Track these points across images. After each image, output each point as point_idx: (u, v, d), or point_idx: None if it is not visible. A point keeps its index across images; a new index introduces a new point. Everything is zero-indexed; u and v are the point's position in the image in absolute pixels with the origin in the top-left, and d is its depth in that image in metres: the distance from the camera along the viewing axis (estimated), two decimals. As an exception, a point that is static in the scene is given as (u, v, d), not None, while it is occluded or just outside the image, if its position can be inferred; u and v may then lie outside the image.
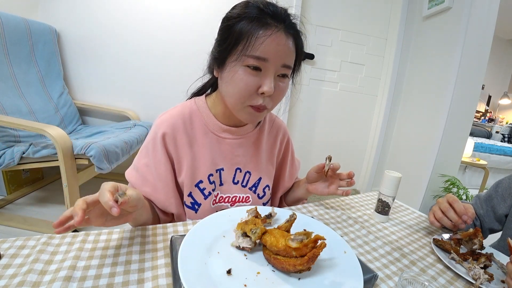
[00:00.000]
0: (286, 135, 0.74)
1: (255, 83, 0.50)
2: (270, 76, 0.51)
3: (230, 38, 0.51)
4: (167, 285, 0.37)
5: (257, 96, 0.52)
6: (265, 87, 0.50)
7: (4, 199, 1.52)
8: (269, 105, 0.54)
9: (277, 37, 0.49)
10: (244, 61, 0.49)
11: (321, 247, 0.37)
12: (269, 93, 0.51)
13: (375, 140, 2.29)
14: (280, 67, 0.51)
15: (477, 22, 1.65)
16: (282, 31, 0.50)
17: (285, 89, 0.55)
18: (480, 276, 0.46)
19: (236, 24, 0.50)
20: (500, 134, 4.65)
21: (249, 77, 0.50)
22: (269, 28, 0.49)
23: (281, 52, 0.50)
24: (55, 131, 1.17)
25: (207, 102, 0.63)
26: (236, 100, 0.53)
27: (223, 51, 0.52)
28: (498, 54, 4.69)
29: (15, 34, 1.47)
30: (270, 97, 0.53)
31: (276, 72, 0.52)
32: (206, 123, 0.61)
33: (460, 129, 1.81)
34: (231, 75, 0.51)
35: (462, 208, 0.59)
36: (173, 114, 0.59)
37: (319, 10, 1.98)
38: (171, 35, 1.86)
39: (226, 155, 0.63)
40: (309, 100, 2.14)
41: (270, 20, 0.49)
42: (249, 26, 0.49)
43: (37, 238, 0.44)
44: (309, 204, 0.70)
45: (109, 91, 1.91)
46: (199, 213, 0.60)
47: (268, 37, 0.48)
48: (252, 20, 0.49)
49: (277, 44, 0.49)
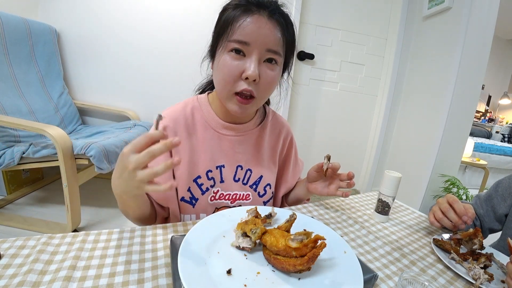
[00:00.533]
0: (290, 134, 0.74)
1: (238, 68, 0.51)
2: (254, 60, 0.50)
3: (218, 29, 0.53)
4: (167, 285, 0.37)
5: (241, 81, 0.52)
6: (248, 71, 0.50)
7: (4, 199, 1.52)
8: (256, 93, 0.53)
9: (258, 20, 0.50)
10: (227, 47, 0.51)
11: (321, 247, 0.37)
12: (252, 77, 0.50)
13: (375, 140, 2.29)
14: (264, 51, 0.51)
15: (477, 22, 1.65)
16: (264, 16, 0.50)
17: (274, 77, 0.54)
18: (480, 276, 0.46)
19: (224, 15, 0.52)
20: (500, 134, 4.65)
21: (232, 61, 0.51)
22: (251, 14, 0.50)
23: (263, 35, 0.50)
24: (55, 131, 1.17)
25: (208, 98, 0.63)
26: (222, 87, 0.54)
27: (214, 42, 0.54)
28: (498, 54, 4.69)
29: (15, 34, 1.47)
30: (257, 84, 0.52)
31: (261, 57, 0.51)
32: (207, 120, 0.61)
33: (460, 129, 1.81)
34: (217, 63, 0.53)
35: (462, 209, 0.59)
36: (176, 110, 0.60)
37: (319, 10, 1.98)
38: (171, 34, 1.86)
39: (227, 152, 0.63)
40: (309, 100, 2.14)
41: (254, 8, 0.50)
42: (233, 13, 0.50)
43: (37, 238, 0.44)
44: (309, 204, 0.70)
45: (109, 91, 1.91)
46: (196, 208, 0.60)
47: (250, 22, 0.49)
48: (237, 7, 0.51)
49: (258, 27, 0.50)
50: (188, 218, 0.61)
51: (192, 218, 0.61)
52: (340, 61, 2.12)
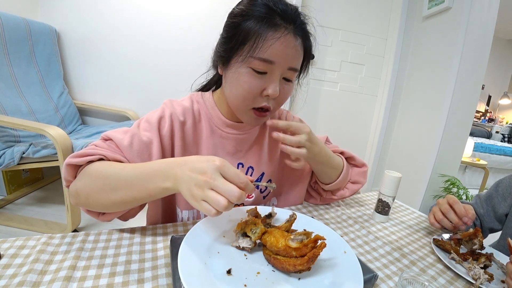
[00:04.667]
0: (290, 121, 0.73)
1: (260, 86, 0.50)
2: (276, 79, 0.50)
3: (236, 37, 0.49)
4: (167, 285, 0.37)
5: (261, 98, 0.51)
6: (270, 90, 0.49)
7: (4, 199, 1.52)
8: (273, 107, 0.54)
9: (286, 39, 0.47)
10: (250, 63, 0.48)
11: (321, 247, 0.37)
12: (273, 96, 0.50)
13: (375, 140, 2.29)
14: (286, 70, 0.50)
15: (477, 22, 1.65)
16: (291, 33, 0.48)
17: (289, 91, 0.54)
18: (480, 276, 0.46)
19: (243, 23, 0.48)
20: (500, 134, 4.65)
21: (254, 79, 0.49)
22: (278, 30, 0.47)
23: (289, 55, 0.49)
24: (55, 131, 1.17)
25: (213, 97, 0.63)
26: (239, 102, 0.52)
27: (229, 50, 0.51)
28: (498, 54, 4.69)
29: (15, 34, 1.47)
30: (275, 99, 0.53)
31: (282, 75, 0.51)
32: (211, 118, 0.61)
33: (460, 129, 1.81)
34: (236, 76, 0.50)
35: (463, 210, 0.59)
36: (185, 105, 0.59)
37: (319, 10, 1.98)
38: (172, 34, 1.86)
39: (229, 150, 0.63)
40: (309, 100, 2.14)
41: (279, 21, 0.47)
42: (257, 26, 0.47)
43: (37, 238, 0.44)
44: (309, 204, 0.70)
45: (109, 91, 1.91)
46: None
47: (277, 40, 0.46)
48: (260, 19, 0.47)
49: (285, 47, 0.47)
50: (186, 214, 0.61)
51: (190, 214, 0.61)
52: (340, 61, 2.12)
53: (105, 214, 0.49)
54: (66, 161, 0.46)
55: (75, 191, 0.46)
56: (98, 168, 0.45)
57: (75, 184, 0.47)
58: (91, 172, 0.45)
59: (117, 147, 0.50)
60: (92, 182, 0.44)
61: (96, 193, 0.44)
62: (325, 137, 0.78)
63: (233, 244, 0.44)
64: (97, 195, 0.44)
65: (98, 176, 0.44)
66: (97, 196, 0.44)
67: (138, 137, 0.51)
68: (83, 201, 0.46)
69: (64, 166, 0.47)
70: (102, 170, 0.44)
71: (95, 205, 0.46)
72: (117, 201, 0.43)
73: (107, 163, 0.46)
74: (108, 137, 0.51)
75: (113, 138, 0.50)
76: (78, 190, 0.45)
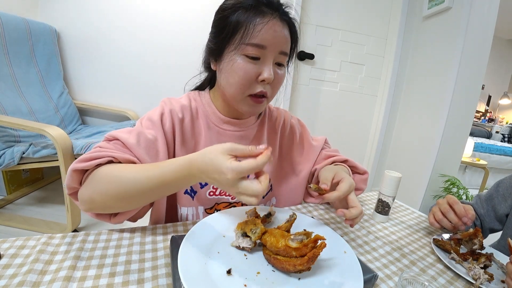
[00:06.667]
0: (288, 120, 0.73)
1: (254, 71, 0.51)
2: (269, 64, 0.52)
3: (227, 28, 0.51)
4: (167, 285, 0.37)
5: (257, 84, 0.53)
6: (265, 74, 0.51)
7: (4, 199, 1.52)
8: (269, 93, 0.55)
9: (273, 24, 0.50)
10: (243, 50, 0.50)
11: (321, 247, 0.37)
12: (269, 80, 0.52)
13: (375, 140, 2.29)
14: (278, 54, 0.53)
15: (477, 22, 1.65)
16: (277, 19, 0.51)
17: (283, 76, 0.56)
18: (480, 276, 0.46)
19: (232, 15, 0.51)
20: (500, 134, 4.66)
21: (248, 65, 0.51)
22: (265, 16, 0.50)
23: (278, 38, 0.51)
24: (55, 131, 1.17)
25: (210, 95, 0.64)
26: (236, 89, 0.53)
27: (220, 42, 0.53)
28: (498, 54, 4.69)
29: (15, 34, 1.47)
30: (270, 85, 0.54)
31: (274, 60, 0.53)
32: (208, 115, 0.62)
33: (460, 129, 1.81)
34: (230, 65, 0.52)
35: (463, 210, 0.59)
36: (183, 103, 0.60)
37: (319, 10, 1.98)
38: (172, 35, 1.86)
39: None
40: (309, 100, 2.14)
41: (265, 8, 0.50)
42: (246, 15, 0.50)
43: (37, 238, 0.44)
44: (309, 204, 0.70)
45: (109, 91, 1.91)
46: (195, 201, 0.61)
47: (265, 24, 0.49)
48: (248, 9, 0.50)
49: (274, 31, 0.50)
50: (185, 211, 0.61)
51: (189, 211, 0.61)
52: (340, 61, 2.12)
53: (117, 216, 0.48)
54: (71, 167, 0.44)
55: (89, 198, 0.45)
56: (112, 172, 0.44)
57: (87, 191, 0.45)
58: (103, 177, 0.44)
59: (124, 146, 0.50)
60: (108, 188, 0.43)
61: (115, 200, 0.44)
62: (324, 139, 0.78)
63: (233, 244, 0.44)
64: (115, 201, 0.44)
65: (115, 181, 0.43)
66: (115, 202, 0.44)
67: (143, 135, 0.52)
68: (99, 205, 0.45)
69: (69, 172, 0.45)
70: (117, 174, 0.44)
71: (112, 210, 0.47)
72: (138, 205, 0.47)
73: (120, 167, 0.45)
74: (113, 137, 0.51)
75: (119, 137, 0.50)
76: (93, 197, 0.44)
